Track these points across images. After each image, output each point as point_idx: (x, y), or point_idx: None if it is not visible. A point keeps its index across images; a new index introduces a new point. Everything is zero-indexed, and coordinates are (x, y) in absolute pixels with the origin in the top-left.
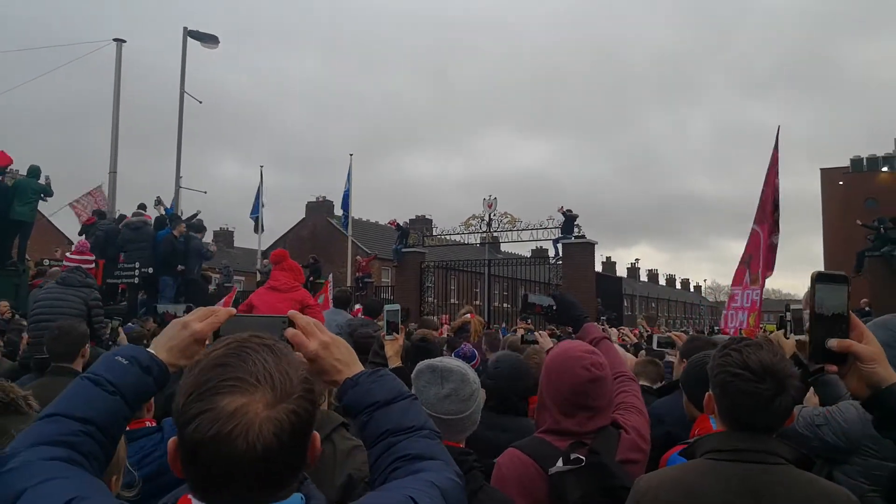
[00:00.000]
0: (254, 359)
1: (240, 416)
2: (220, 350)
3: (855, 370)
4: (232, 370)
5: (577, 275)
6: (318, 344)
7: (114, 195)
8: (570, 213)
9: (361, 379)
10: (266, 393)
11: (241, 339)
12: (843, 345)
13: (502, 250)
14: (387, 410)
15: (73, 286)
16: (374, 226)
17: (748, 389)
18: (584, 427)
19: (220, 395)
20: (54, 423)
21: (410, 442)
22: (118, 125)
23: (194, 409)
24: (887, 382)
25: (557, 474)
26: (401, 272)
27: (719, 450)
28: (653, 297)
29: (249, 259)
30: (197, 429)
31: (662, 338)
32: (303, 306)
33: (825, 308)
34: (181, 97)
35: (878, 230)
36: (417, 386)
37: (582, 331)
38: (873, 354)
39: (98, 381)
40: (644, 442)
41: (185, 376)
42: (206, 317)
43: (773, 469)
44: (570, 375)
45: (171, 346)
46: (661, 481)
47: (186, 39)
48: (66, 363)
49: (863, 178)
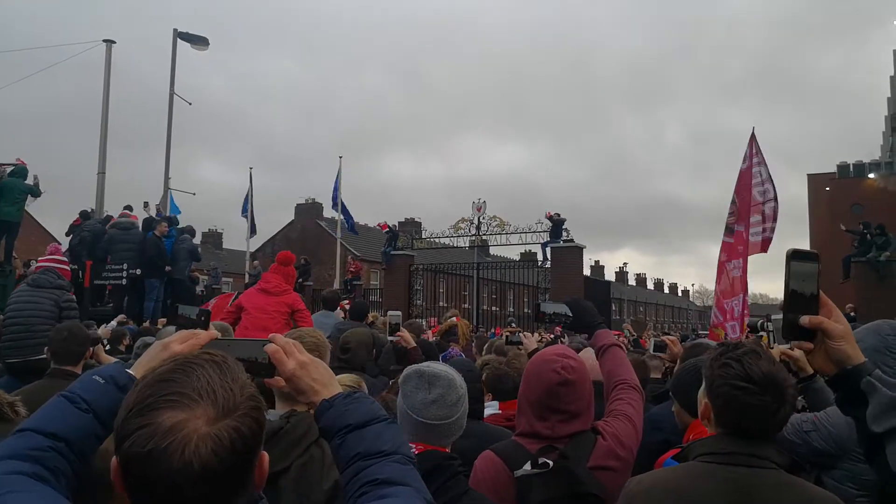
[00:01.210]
0: (198, 374)
1: (177, 431)
2: (167, 366)
3: (822, 347)
4: (174, 385)
5: (565, 279)
6: (296, 363)
7: (102, 196)
8: (558, 218)
9: (337, 401)
10: (207, 409)
11: (188, 356)
12: (814, 321)
13: (491, 253)
14: (360, 433)
15: (45, 287)
16: (363, 228)
17: (754, 403)
18: (556, 431)
19: (160, 410)
20: (24, 438)
21: (381, 466)
22: (107, 126)
23: (133, 425)
24: (853, 361)
25: (524, 477)
26: (389, 275)
27: (712, 453)
28: (641, 302)
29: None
30: (133, 444)
31: (658, 342)
32: (293, 310)
33: (798, 286)
34: (170, 98)
35: (863, 236)
36: (405, 391)
37: (594, 337)
38: (842, 332)
39: (73, 398)
40: (623, 449)
41: (129, 392)
42: (188, 339)
43: (763, 473)
44: (541, 378)
45: (150, 367)
46: (652, 482)
47: (176, 41)
48: (69, 366)
49: (849, 184)
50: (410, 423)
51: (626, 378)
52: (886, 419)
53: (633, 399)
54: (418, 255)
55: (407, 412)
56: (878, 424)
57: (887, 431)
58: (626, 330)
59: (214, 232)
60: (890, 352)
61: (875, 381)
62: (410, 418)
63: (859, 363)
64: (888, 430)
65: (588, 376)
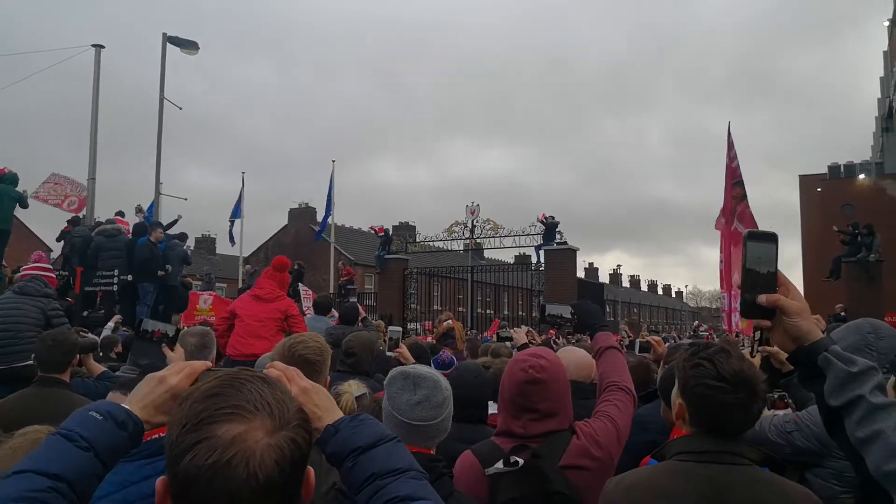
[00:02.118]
0: (248, 388)
1: (239, 443)
2: (211, 382)
3: (781, 324)
4: (227, 399)
5: (559, 281)
6: (298, 390)
7: (93, 202)
8: (551, 221)
9: (342, 425)
10: (265, 420)
11: (232, 371)
12: (771, 299)
13: (485, 256)
14: (371, 454)
15: (31, 295)
16: (357, 232)
17: (727, 401)
18: (529, 430)
19: (217, 423)
20: (24, 480)
21: (399, 484)
22: (97, 131)
23: (189, 440)
24: (811, 337)
25: (495, 475)
26: (384, 279)
27: (688, 451)
28: (635, 303)
29: (231, 266)
30: (194, 459)
31: (643, 342)
32: (286, 316)
33: (756, 265)
34: (160, 103)
35: (854, 236)
36: (390, 392)
37: (594, 339)
38: (799, 309)
39: (71, 436)
40: (598, 449)
41: (176, 410)
42: (182, 370)
43: (739, 469)
44: (511, 378)
45: (146, 402)
46: (631, 482)
47: (166, 45)
48: (56, 374)
49: (840, 185)
50: (395, 425)
51: (616, 380)
52: (842, 393)
53: (619, 400)
54: (412, 258)
55: (392, 413)
56: (834, 398)
57: (843, 405)
58: (623, 331)
59: (208, 237)
60: (870, 349)
61: (831, 356)
62: (395, 419)
63: (817, 339)
64: (844, 404)
65: (563, 376)
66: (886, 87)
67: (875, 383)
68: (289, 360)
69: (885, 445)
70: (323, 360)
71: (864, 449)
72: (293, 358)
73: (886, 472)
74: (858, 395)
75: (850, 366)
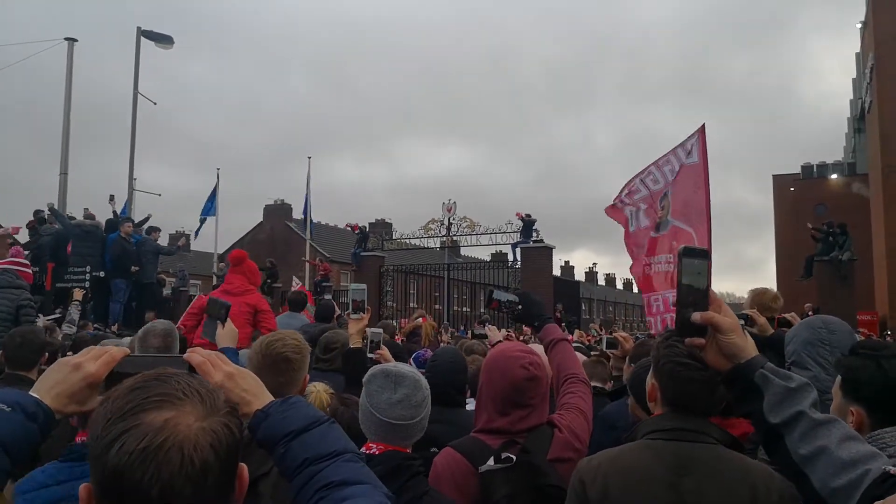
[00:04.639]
0: (175, 378)
1: (171, 427)
2: (135, 379)
3: (714, 342)
4: (153, 389)
5: (535, 278)
6: (223, 375)
7: (64, 197)
8: (528, 218)
9: (273, 409)
10: (196, 405)
11: (155, 371)
12: (704, 317)
13: (462, 254)
14: (304, 438)
15: (2, 287)
16: (333, 229)
17: (695, 377)
18: (516, 426)
19: (146, 411)
20: None
21: (333, 468)
22: (69, 126)
23: (116, 430)
24: (745, 354)
25: (488, 472)
26: (360, 276)
27: (657, 430)
28: (610, 301)
29: (206, 262)
30: (123, 447)
31: (609, 339)
32: (256, 310)
33: (693, 280)
34: (134, 98)
35: (827, 234)
36: (369, 390)
37: (543, 331)
38: (731, 325)
39: None
40: (578, 441)
41: (98, 409)
42: (100, 356)
43: (703, 447)
44: (508, 374)
45: (59, 390)
46: (602, 460)
47: (140, 39)
48: (23, 371)
49: (813, 185)
50: (373, 423)
51: (575, 371)
52: (782, 409)
53: (583, 392)
54: (389, 255)
55: (371, 411)
56: (774, 415)
57: (784, 422)
58: (594, 330)
59: (182, 234)
60: (822, 343)
61: (768, 373)
62: (374, 417)
63: (752, 356)
64: (784, 421)
65: (548, 371)
66: (858, 89)
67: (812, 400)
68: (267, 358)
69: (831, 461)
70: (302, 358)
71: (808, 466)
72: (271, 356)
73: (834, 488)
74: (799, 410)
75: (788, 381)
